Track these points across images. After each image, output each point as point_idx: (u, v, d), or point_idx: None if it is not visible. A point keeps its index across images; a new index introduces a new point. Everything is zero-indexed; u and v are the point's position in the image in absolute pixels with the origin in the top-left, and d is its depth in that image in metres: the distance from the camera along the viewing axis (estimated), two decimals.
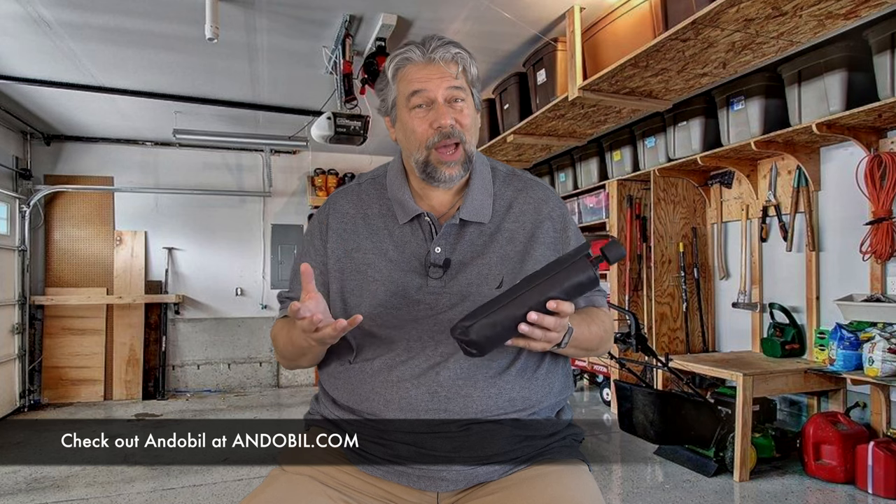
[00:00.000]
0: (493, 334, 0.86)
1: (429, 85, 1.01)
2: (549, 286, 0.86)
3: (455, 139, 1.01)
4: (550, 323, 0.85)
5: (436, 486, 0.97)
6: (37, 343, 4.56)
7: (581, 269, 0.87)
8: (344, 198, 1.14)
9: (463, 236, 1.05)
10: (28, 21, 2.69)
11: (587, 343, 1.01)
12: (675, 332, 3.70)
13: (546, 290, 0.86)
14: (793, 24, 2.09)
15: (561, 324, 0.87)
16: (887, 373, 2.38)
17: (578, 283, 0.87)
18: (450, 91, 1.01)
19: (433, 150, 1.02)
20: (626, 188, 3.92)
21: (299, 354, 1.05)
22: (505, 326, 0.86)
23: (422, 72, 1.01)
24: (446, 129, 1.00)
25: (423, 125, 1.02)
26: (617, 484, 2.68)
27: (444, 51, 1.01)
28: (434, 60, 1.01)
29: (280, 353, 1.11)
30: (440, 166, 1.02)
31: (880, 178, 2.55)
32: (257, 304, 5.17)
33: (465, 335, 0.86)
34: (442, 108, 1.01)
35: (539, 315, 0.84)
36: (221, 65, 3.27)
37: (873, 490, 2.40)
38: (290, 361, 1.10)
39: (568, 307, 0.85)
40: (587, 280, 0.87)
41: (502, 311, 0.86)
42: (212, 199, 5.10)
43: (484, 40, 2.96)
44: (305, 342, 0.94)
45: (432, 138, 1.01)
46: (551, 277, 0.87)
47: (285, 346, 1.06)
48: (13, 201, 4.35)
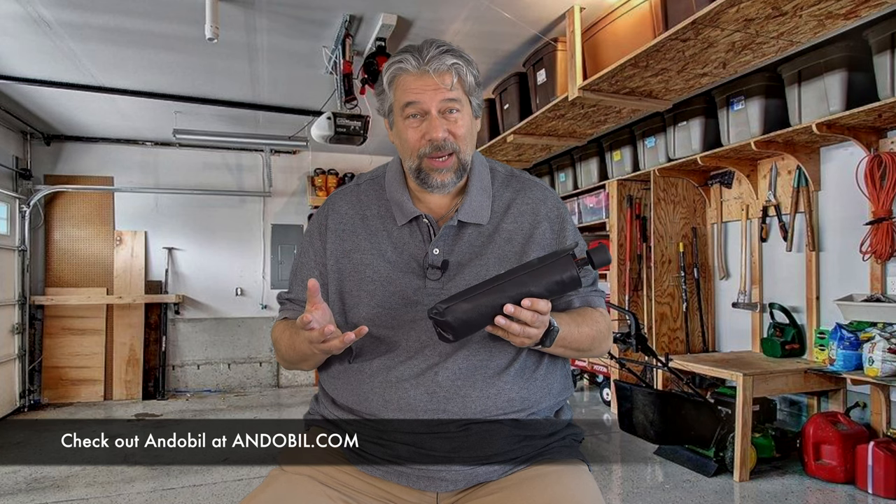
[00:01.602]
0: (469, 319, 0.86)
1: (422, 97, 1.01)
2: (530, 280, 0.86)
3: (447, 150, 1.02)
4: (527, 317, 0.85)
5: (435, 486, 0.97)
6: (37, 343, 4.56)
7: (564, 268, 0.87)
8: (343, 198, 1.14)
9: (461, 237, 1.05)
10: (28, 21, 2.69)
11: (578, 343, 1.01)
12: (675, 332, 3.70)
13: (527, 283, 0.86)
14: (793, 24, 2.09)
15: (540, 320, 0.86)
16: (887, 373, 2.38)
17: (560, 281, 0.87)
18: (444, 103, 1.01)
19: (425, 158, 1.02)
20: (626, 188, 3.92)
21: (301, 360, 1.05)
22: (481, 313, 0.86)
23: (416, 83, 1.01)
24: (438, 141, 1.01)
25: (416, 135, 1.02)
26: (617, 484, 2.68)
27: (439, 62, 1.00)
28: (428, 73, 1.00)
29: (282, 356, 1.11)
30: (432, 173, 1.03)
31: (880, 178, 2.54)
32: (257, 304, 5.17)
33: (441, 316, 0.86)
34: (435, 120, 1.01)
35: (516, 308, 0.84)
36: (221, 65, 3.27)
37: (873, 490, 2.40)
38: (292, 365, 1.10)
39: (544, 305, 0.85)
40: (569, 279, 0.87)
41: (481, 298, 0.86)
42: (212, 199, 5.10)
43: (484, 40, 2.96)
44: (309, 350, 0.94)
45: (424, 148, 1.02)
46: (534, 271, 0.87)
47: (287, 350, 1.06)
48: (13, 201, 4.35)
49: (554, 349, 0.98)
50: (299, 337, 0.95)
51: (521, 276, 0.87)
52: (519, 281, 0.87)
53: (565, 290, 0.89)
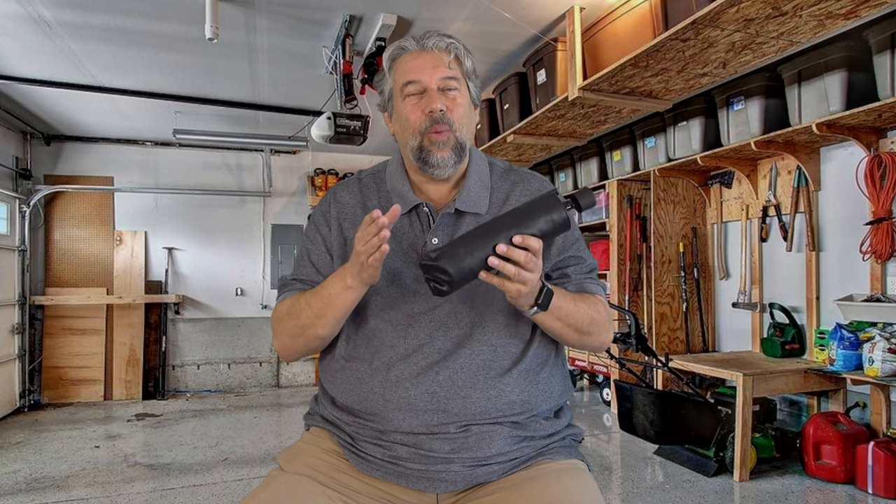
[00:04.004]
0: (463, 265, 0.83)
1: (422, 75, 1.03)
2: (520, 220, 0.86)
3: (445, 124, 1.03)
4: (521, 256, 0.83)
5: (435, 486, 0.96)
6: (37, 343, 4.56)
7: (552, 205, 0.87)
8: (345, 189, 1.16)
9: (459, 226, 1.06)
10: (28, 21, 2.69)
11: (575, 320, 0.99)
12: (675, 332, 3.70)
13: (517, 224, 0.86)
14: (793, 24, 2.09)
15: (534, 261, 0.85)
16: (887, 373, 2.38)
17: (549, 219, 0.86)
18: (442, 81, 1.03)
19: (426, 133, 1.03)
20: (626, 188, 3.92)
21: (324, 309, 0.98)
22: (475, 257, 0.84)
23: (415, 61, 1.04)
24: (436, 113, 1.02)
25: (416, 112, 1.04)
26: (617, 484, 2.68)
27: (438, 40, 1.04)
28: (427, 48, 1.03)
29: (287, 329, 1.04)
30: (432, 148, 1.03)
31: (880, 178, 2.55)
32: (257, 304, 5.17)
33: (434, 260, 0.84)
34: (434, 94, 1.03)
35: (508, 247, 0.83)
36: (221, 65, 3.27)
37: (873, 490, 2.40)
38: (300, 334, 1.03)
39: (535, 242, 0.84)
40: (558, 218, 0.87)
41: (473, 241, 0.85)
42: (212, 199, 5.10)
43: (484, 40, 2.96)
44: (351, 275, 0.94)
45: (424, 123, 1.03)
46: (522, 213, 0.87)
47: (311, 303, 1.00)
48: (13, 201, 4.36)
49: (552, 321, 0.96)
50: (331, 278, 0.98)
51: (511, 218, 0.87)
52: (508, 222, 0.86)
53: (555, 231, 0.88)
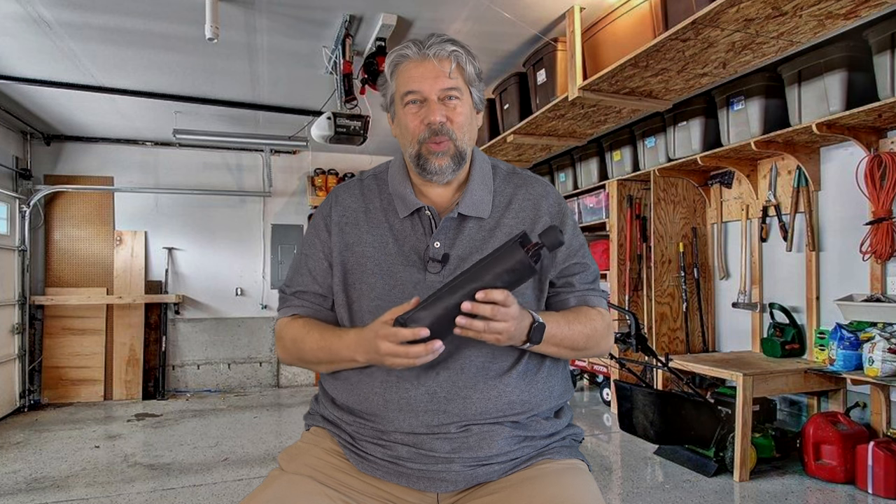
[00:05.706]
0: (432, 325, 0.84)
1: (422, 85, 1.02)
2: (482, 273, 0.85)
3: (444, 136, 1.02)
4: (486, 311, 0.84)
5: (435, 486, 0.96)
6: (37, 343, 4.56)
7: (511, 254, 0.85)
8: (346, 191, 1.15)
9: (462, 231, 1.05)
10: (28, 21, 2.69)
11: (572, 342, 1.00)
12: (675, 332, 3.70)
13: (480, 277, 0.85)
14: (793, 24, 2.09)
15: (502, 312, 0.85)
16: (887, 373, 2.38)
17: (510, 269, 0.85)
18: (443, 91, 1.03)
19: (424, 143, 1.03)
20: (626, 188, 3.92)
21: (330, 362, 1.03)
22: (443, 316, 0.84)
23: (416, 70, 1.03)
24: (435, 125, 1.02)
25: (416, 121, 1.04)
26: (617, 484, 2.68)
27: (440, 48, 1.02)
28: (429, 57, 1.02)
29: (299, 355, 1.07)
30: (430, 157, 1.03)
31: (880, 178, 2.55)
32: (257, 304, 5.17)
33: (404, 326, 0.85)
34: (434, 105, 1.02)
35: (473, 304, 0.83)
36: (221, 65, 3.27)
37: (873, 490, 2.40)
38: (310, 365, 1.07)
39: (499, 295, 0.84)
40: (519, 266, 0.85)
41: (438, 302, 0.85)
42: (212, 199, 5.10)
43: (484, 40, 2.96)
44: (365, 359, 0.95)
45: (423, 133, 1.03)
46: (485, 265, 0.86)
47: (316, 351, 1.03)
48: (13, 201, 4.36)
49: (547, 348, 0.97)
50: (343, 341, 0.97)
51: (473, 271, 0.86)
52: (471, 277, 0.85)
53: (521, 278, 0.87)
